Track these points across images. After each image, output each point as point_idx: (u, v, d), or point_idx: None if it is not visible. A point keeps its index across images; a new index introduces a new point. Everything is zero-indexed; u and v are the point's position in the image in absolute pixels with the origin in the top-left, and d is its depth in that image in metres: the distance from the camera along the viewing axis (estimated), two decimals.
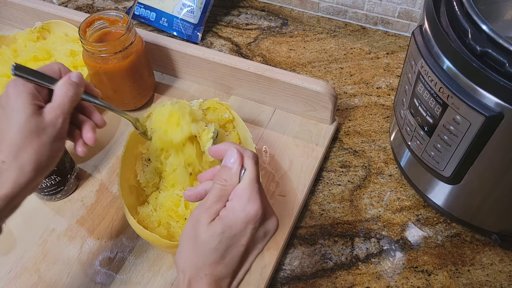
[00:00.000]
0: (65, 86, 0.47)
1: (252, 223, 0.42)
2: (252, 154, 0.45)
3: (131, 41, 0.71)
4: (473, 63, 0.46)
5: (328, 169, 0.74)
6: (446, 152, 0.55)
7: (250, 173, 0.43)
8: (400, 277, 0.62)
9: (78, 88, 0.48)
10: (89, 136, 0.50)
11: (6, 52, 0.82)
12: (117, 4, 1.06)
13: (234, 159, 0.44)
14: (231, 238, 0.41)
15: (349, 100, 0.83)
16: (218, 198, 0.43)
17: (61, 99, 0.46)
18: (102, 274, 0.62)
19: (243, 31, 0.97)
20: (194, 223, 0.43)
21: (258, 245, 0.44)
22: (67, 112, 0.47)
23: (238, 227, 0.41)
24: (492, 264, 0.62)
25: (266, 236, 0.44)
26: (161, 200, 0.62)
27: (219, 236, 0.41)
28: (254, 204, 0.42)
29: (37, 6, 0.89)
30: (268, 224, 0.43)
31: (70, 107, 0.47)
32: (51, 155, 0.46)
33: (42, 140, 0.44)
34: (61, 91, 0.47)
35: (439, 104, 0.51)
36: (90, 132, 0.50)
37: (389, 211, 0.68)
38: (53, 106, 0.46)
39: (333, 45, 0.93)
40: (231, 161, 0.44)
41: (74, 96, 0.47)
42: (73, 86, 0.48)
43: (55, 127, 0.45)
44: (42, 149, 0.44)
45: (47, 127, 0.45)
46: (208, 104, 0.70)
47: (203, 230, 0.42)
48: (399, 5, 0.89)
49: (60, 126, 0.46)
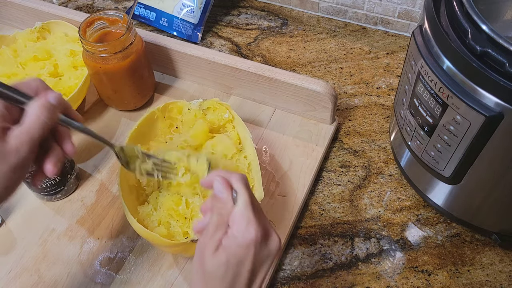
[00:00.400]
0: (38, 109, 0.42)
1: (253, 248, 0.42)
2: (240, 177, 0.45)
3: (131, 41, 0.71)
4: (473, 63, 0.46)
5: (328, 169, 0.74)
6: (446, 152, 0.55)
7: (242, 197, 0.43)
8: (400, 277, 0.62)
9: (54, 111, 0.43)
10: (50, 168, 0.44)
11: (6, 52, 0.81)
12: (117, 4, 1.06)
13: (221, 187, 0.44)
14: (236, 265, 0.42)
15: (349, 100, 0.83)
16: (217, 227, 0.43)
17: (30, 124, 0.41)
18: (102, 274, 0.62)
19: (243, 31, 0.97)
20: (200, 255, 0.43)
21: (264, 266, 0.44)
22: (36, 139, 0.41)
23: (241, 253, 0.42)
24: (492, 264, 0.62)
25: (269, 256, 0.44)
26: (161, 200, 0.62)
27: (225, 265, 0.41)
28: (252, 228, 0.42)
29: (37, 6, 0.89)
30: (270, 245, 0.44)
31: (40, 133, 0.41)
32: (8, 185, 0.41)
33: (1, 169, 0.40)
34: (33, 114, 0.41)
35: (439, 104, 0.51)
36: (52, 164, 0.44)
37: (389, 211, 0.68)
38: (21, 131, 0.41)
39: (333, 45, 0.93)
40: (219, 189, 0.44)
41: (48, 120, 0.42)
42: (48, 110, 0.42)
43: (18, 155, 0.40)
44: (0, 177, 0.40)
45: (8, 154, 0.40)
46: (208, 104, 0.70)
47: (209, 260, 0.42)
48: (399, 5, 0.89)
49: (24, 155, 0.41)
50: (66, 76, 0.78)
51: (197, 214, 0.60)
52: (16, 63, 0.80)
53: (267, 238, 0.43)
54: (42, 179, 0.46)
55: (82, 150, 0.76)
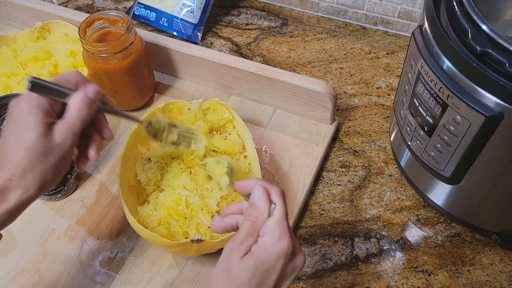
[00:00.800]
0: (78, 104, 0.46)
1: (283, 259, 0.42)
2: (280, 191, 0.46)
3: (131, 41, 0.71)
4: (473, 63, 0.46)
5: (328, 169, 0.74)
6: (446, 152, 0.55)
7: (279, 210, 0.44)
8: (400, 277, 0.62)
9: (93, 106, 0.47)
10: (93, 154, 0.49)
11: (6, 52, 0.82)
12: (117, 4, 1.06)
13: (261, 196, 0.45)
14: (263, 273, 0.42)
15: (349, 100, 0.83)
16: (248, 235, 0.44)
17: (72, 118, 0.45)
18: (102, 274, 0.62)
19: (243, 31, 0.97)
20: (226, 258, 0.44)
21: (286, 281, 0.44)
22: (77, 132, 0.46)
23: (269, 262, 0.42)
24: (492, 264, 0.62)
25: (293, 272, 0.44)
26: (161, 199, 0.62)
27: (251, 270, 0.42)
28: (285, 241, 0.43)
29: (37, 6, 0.89)
30: (296, 261, 0.44)
31: (81, 127, 0.46)
32: (56, 173, 0.46)
33: (48, 161, 0.44)
34: (74, 109, 0.45)
35: (439, 104, 0.51)
36: (94, 150, 0.49)
37: (389, 211, 0.68)
38: (64, 127, 0.45)
39: (333, 45, 0.93)
40: (258, 198, 0.45)
41: (87, 116, 0.46)
42: (87, 105, 0.46)
43: (64, 148, 0.45)
44: (48, 170, 0.44)
45: (55, 148, 0.44)
46: (208, 104, 0.70)
47: (236, 264, 0.42)
48: (399, 5, 0.89)
49: (68, 148, 0.45)
50: None
51: (197, 214, 0.60)
52: (16, 63, 0.80)
53: (295, 253, 0.44)
54: (85, 163, 0.50)
55: None
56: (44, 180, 0.45)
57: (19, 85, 0.76)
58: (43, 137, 0.43)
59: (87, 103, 0.46)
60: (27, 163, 0.43)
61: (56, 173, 0.46)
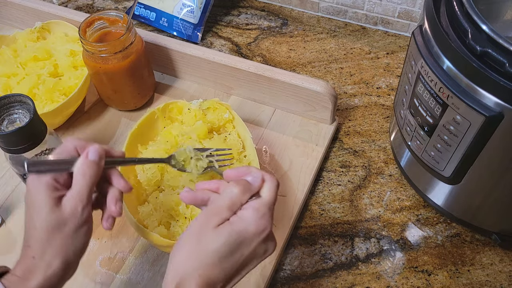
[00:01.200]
0: (82, 168, 0.46)
1: (259, 237, 0.42)
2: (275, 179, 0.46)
3: (131, 41, 0.71)
4: (473, 63, 0.46)
5: (328, 169, 0.74)
6: (446, 152, 0.55)
7: (270, 194, 0.44)
8: (400, 277, 0.62)
9: (97, 166, 0.46)
10: (114, 209, 0.48)
11: (6, 52, 0.81)
12: (117, 4, 1.06)
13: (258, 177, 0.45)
14: (236, 244, 0.42)
15: (349, 100, 0.83)
16: (230, 207, 0.43)
17: (78, 186, 0.45)
18: (102, 274, 0.62)
19: (243, 31, 0.97)
20: (199, 225, 0.43)
21: (254, 261, 0.44)
22: (85, 198, 0.45)
23: (246, 235, 0.42)
24: (492, 264, 0.62)
25: (264, 254, 0.44)
26: (161, 199, 0.62)
27: (225, 238, 0.41)
28: (267, 221, 0.43)
29: (37, 6, 0.89)
30: (269, 245, 0.44)
31: (89, 191, 0.46)
32: (77, 244, 0.45)
33: (64, 233, 0.44)
34: (79, 176, 0.45)
35: (439, 104, 0.51)
36: (113, 204, 0.48)
37: (389, 211, 0.68)
38: (72, 195, 0.45)
39: (333, 45, 0.93)
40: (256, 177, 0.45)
41: (93, 178, 0.46)
42: (90, 167, 0.46)
43: (76, 217, 0.45)
44: (66, 241, 0.44)
45: (67, 220, 0.44)
46: (208, 104, 0.70)
47: (209, 231, 0.42)
48: (399, 5, 0.89)
49: (81, 214, 0.45)
50: (66, 76, 0.78)
51: (197, 214, 0.60)
52: (16, 63, 0.80)
53: (269, 237, 0.44)
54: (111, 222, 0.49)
55: None
56: (65, 252, 0.44)
57: (19, 85, 0.76)
58: (53, 211, 0.44)
59: (89, 165, 0.46)
60: (45, 239, 0.44)
61: (77, 244, 0.45)
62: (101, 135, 0.77)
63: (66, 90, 0.77)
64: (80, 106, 0.80)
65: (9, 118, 0.58)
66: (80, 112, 0.81)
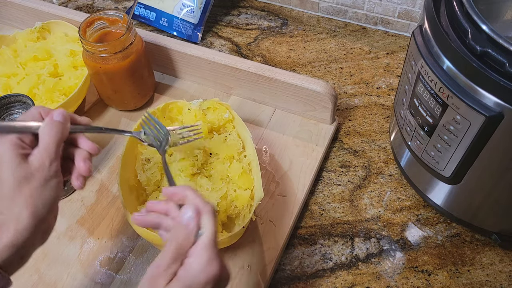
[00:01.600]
0: (47, 127, 0.47)
1: (211, 284, 0.41)
2: (212, 210, 0.45)
3: (131, 41, 0.71)
4: (473, 63, 0.46)
5: (328, 169, 0.74)
6: (446, 152, 0.55)
7: (209, 232, 0.43)
8: (400, 277, 0.62)
9: (63, 126, 0.47)
10: (82, 166, 0.49)
11: (6, 52, 0.81)
12: (117, 4, 1.06)
13: (191, 215, 0.44)
14: None
15: (349, 100, 0.83)
16: (174, 259, 0.42)
17: (45, 142, 0.46)
18: (102, 274, 0.62)
19: (243, 31, 0.97)
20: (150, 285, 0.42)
21: None
22: (53, 152, 0.46)
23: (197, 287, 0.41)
24: (492, 264, 0.62)
25: None
26: (161, 199, 0.62)
27: None
28: (214, 266, 0.42)
29: (37, 6, 0.89)
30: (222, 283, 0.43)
31: (56, 147, 0.46)
32: (47, 197, 0.45)
33: (32, 185, 0.44)
34: (45, 133, 0.46)
35: (439, 104, 0.51)
36: (82, 162, 0.49)
37: (389, 211, 0.68)
38: (39, 151, 0.46)
39: (333, 45, 0.93)
40: (189, 218, 0.44)
41: (59, 134, 0.47)
42: (56, 125, 0.47)
43: (44, 170, 0.45)
44: (34, 193, 0.44)
45: (35, 173, 0.45)
46: (208, 104, 0.70)
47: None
48: (399, 5, 0.89)
49: (48, 168, 0.45)
50: (66, 76, 0.78)
51: None
52: (16, 63, 0.80)
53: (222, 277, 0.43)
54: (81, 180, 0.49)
55: None
56: (34, 205, 0.44)
57: (19, 85, 0.76)
58: (19, 165, 0.44)
59: (55, 124, 0.47)
60: (12, 193, 0.44)
61: (47, 197, 0.45)
62: (101, 135, 0.77)
63: (66, 90, 0.77)
64: (80, 106, 0.80)
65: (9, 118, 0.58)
66: (80, 112, 0.81)
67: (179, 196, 0.47)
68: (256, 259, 0.62)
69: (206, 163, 0.66)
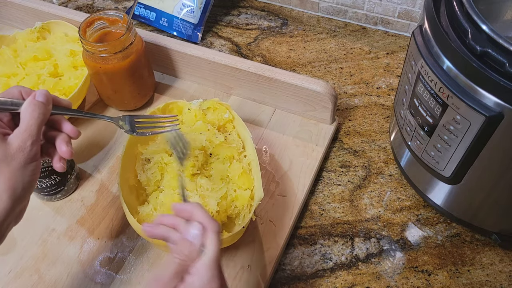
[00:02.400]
0: (30, 108, 0.46)
1: None
2: (216, 228, 0.45)
3: (131, 41, 0.71)
4: (473, 63, 0.46)
5: (328, 169, 0.74)
6: (446, 152, 0.55)
7: (212, 251, 0.43)
8: (400, 277, 0.62)
9: (45, 107, 0.47)
10: (63, 149, 0.48)
11: (6, 52, 0.82)
12: (117, 4, 1.06)
13: (197, 233, 0.44)
14: None
15: (349, 100, 0.83)
16: (176, 274, 0.43)
17: (27, 122, 0.45)
18: (102, 274, 0.62)
19: (243, 31, 0.97)
20: None
21: None
22: (35, 134, 0.45)
23: None
24: (492, 264, 0.62)
25: None
26: (161, 199, 0.62)
27: None
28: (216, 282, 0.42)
29: (37, 6, 0.89)
30: None
31: (38, 128, 0.46)
32: (26, 179, 0.45)
33: (12, 167, 0.44)
34: (26, 114, 0.45)
35: (439, 104, 0.51)
36: (64, 145, 0.48)
37: (389, 211, 0.68)
38: (20, 131, 0.45)
39: (333, 45, 0.93)
40: (194, 234, 0.44)
41: (41, 115, 0.46)
42: (38, 106, 0.46)
43: (24, 152, 0.44)
44: (13, 175, 0.44)
45: (15, 154, 0.44)
46: (208, 104, 0.70)
47: None
48: (399, 5, 0.89)
49: (29, 150, 0.45)
50: (66, 76, 0.78)
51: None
52: (16, 63, 0.80)
53: None
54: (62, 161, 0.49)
55: (82, 150, 0.76)
56: (13, 187, 0.44)
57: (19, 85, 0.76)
58: None
59: (37, 105, 0.46)
60: None
61: (26, 179, 0.45)
62: (101, 136, 0.77)
63: (66, 90, 0.77)
64: (80, 106, 0.80)
65: None
66: None
67: (187, 213, 0.47)
68: (256, 259, 0.62)
69: (206, 163, 0.66)
